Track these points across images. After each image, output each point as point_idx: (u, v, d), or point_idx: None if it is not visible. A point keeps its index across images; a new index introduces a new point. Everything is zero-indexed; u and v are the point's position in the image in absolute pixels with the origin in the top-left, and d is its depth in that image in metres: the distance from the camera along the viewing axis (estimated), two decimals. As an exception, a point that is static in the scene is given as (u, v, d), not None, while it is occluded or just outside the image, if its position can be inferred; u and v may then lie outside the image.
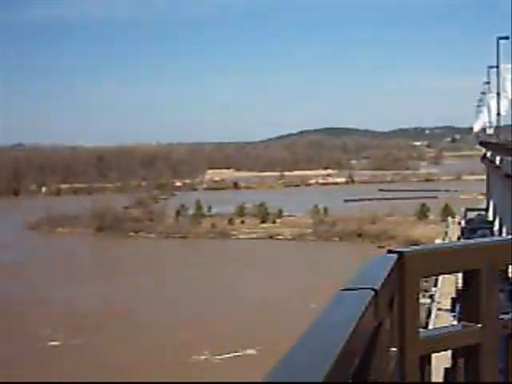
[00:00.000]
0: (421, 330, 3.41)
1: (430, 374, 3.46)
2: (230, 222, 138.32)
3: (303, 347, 1.91)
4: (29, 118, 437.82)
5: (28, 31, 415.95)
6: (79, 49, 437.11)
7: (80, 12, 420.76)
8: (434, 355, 3.50)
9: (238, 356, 57.42)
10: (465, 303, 3.72)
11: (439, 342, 3.51)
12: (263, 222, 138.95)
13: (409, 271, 3.33)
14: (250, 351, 58.20)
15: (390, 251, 3.42)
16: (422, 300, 66.99)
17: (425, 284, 55.50)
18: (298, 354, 1.84)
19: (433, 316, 48.33)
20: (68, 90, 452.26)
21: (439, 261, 3.57)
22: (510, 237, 3.97)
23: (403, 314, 3.29)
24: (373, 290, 2.66)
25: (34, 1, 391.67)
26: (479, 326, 3.58)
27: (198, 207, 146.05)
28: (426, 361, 3.41)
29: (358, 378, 2.36)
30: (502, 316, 3.68)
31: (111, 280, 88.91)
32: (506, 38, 62.24)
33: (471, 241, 3.80)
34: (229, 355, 57.44)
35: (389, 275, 3.02)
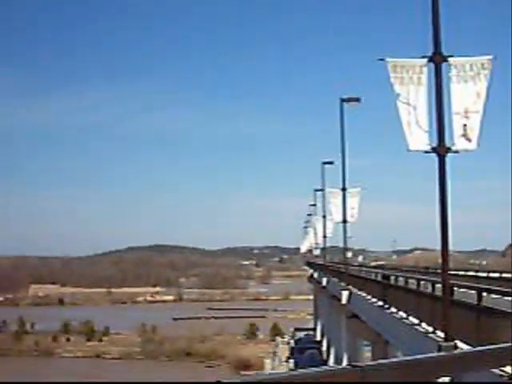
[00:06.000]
0: None
1: None
2: (55, 339, 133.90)
3: None
4: None
5: None
6: None
7: None
8: None
9: None
10: None
11: None
12: (89, 340, 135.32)
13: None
14: None
15: (218, 383, 3.37)
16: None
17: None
18: None
19: None
20: None
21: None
22: (336, 366, 4.02)
23: None
24: None
25: None
26: None
27: (21, 324, 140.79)
28: None
29: None
30: None
31: None
32: (331, 163, 65.00)
33: (298, 371, 3.81)
34: None
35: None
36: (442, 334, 18.95)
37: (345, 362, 49.19)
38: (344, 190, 49.83)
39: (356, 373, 3.76)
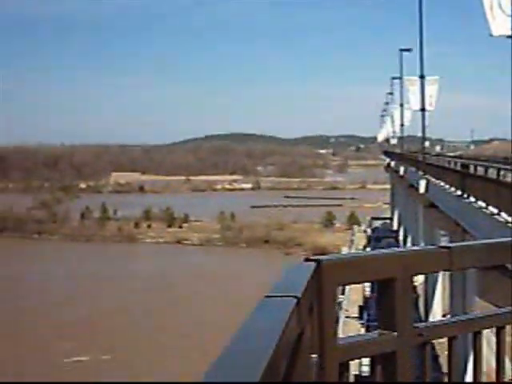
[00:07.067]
0: (339, 337, 3.45)
1: (348, 381, 3.51)
2: (137, 225, 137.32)
3: (230, 358, 1.93)
4: None
5: None
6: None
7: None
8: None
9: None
10: (380, 311, 3.77)
11: (357, 349, 3.56)
12: (170, 226, 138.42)
13: (327, 279, 3.35)
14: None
15: (307, 259, 3.43)
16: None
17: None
18: (225, 364, 1.88)
19: (340, 323, 49.07)
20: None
21: (356, 269, 3.61)
22: (423, 246, 4.06)
23: (322, 322, 3.32)
24: (295, 297, 2.68)
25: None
26: (395, 334, 3.65)
27: (104, 210, 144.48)
28: (344, 368, 3.46)
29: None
30: (416, 324, 3.76)
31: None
32: (409, 50, 63.69)
33: (386, 250, 3.86)
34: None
35: (308, 283, 3.04)
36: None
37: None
38: (422, 77, 48.99)
39: (443, 253, 3.80)
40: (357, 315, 51.11)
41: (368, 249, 77.89)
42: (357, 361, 3.79)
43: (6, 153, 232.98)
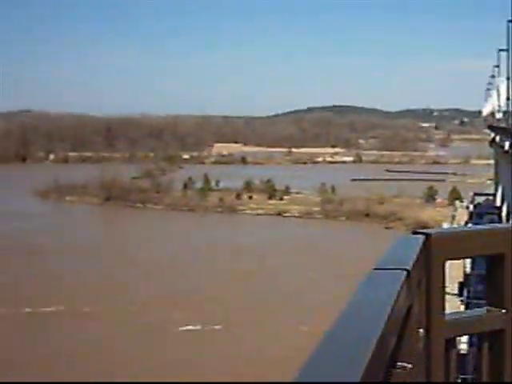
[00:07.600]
0: (446, 312, 3.40)
1: (454, 358, 3.46)
2: (238, 197, 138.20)
3: (342, 329, 1.93)
4: (38, 84, 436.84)
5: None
6: (91, 16, 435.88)
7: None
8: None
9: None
10: (489, 288, 3.70)
11: (464, 325, 3.51)
12: (270, 198, 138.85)
13: (435, 253, 3.32)
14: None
15: (415, 232, 3.40)
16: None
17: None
18: (337, 336, 1.86)
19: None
20: (79, 57, 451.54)
21: (465, 244, 3.55)
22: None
23: (430, 296, 3.30)
24: (405, 270, 2.66)
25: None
26: (504, 311, 3.57)
27: (206, 181, 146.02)
28: (451, 344, 3.41)
29: (389, 361, 2.35)
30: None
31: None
32: (517, 21, 61.60)
33: (497, 225, 3.79)
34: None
35: (417, 256, 3.01)
36: None
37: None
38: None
39: None
40: (456, 292, 50.27)
41: (469, 225, 76.31)
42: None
43: (112, 123, 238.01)
